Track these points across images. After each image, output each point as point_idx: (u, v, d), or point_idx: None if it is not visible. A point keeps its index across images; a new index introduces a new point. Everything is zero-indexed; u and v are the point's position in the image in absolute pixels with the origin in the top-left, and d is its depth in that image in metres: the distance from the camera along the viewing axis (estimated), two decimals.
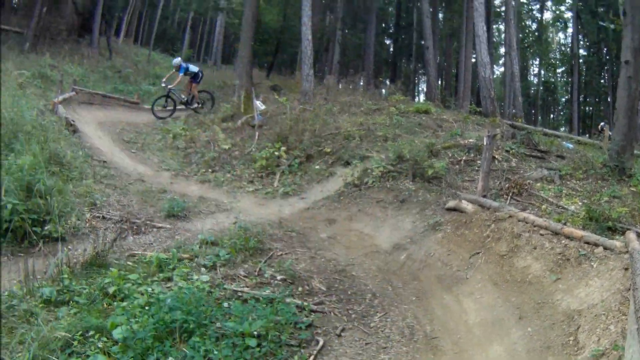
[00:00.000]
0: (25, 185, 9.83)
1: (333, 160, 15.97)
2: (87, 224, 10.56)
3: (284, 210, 13.52)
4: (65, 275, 7.73)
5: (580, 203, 11.60)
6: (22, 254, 8.81)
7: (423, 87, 59.17)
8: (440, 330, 7.74)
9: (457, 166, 14.38)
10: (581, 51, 51.00)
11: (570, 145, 18.32)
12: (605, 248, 7.95)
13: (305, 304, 7.88)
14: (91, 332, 6.22)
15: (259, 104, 20.61)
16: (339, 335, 7.28)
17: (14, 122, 12.65)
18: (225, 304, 7.35)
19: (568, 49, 57.24)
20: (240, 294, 7.95)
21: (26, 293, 7.13)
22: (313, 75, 23.70)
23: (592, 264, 7.73)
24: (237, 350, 6.22)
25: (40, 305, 6.92)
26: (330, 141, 17.06)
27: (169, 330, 6.27)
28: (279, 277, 8.80)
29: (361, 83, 32.79)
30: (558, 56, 63.31)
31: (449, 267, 9.63)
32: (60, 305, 7.05)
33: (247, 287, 8.31)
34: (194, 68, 23.89)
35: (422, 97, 52.49)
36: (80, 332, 6.20)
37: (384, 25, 55.05)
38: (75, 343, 6.03)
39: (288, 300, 7.77)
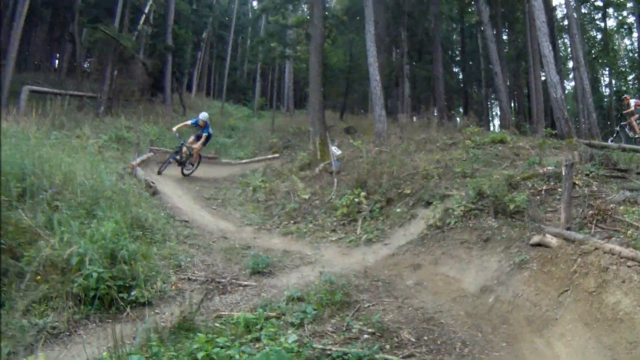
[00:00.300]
0: (109, 253, 9.99)
1: (414, 201, 15.81)
2: (173, 287, 10.66)
3: (368, 258, 13.40)
4: (154, 343, 7.76)
5: None
6: (109, 320, 8.93)
7: (496, 110, 58.62)
8: None
9: (538, 197, 14.01)
10: None
11: None
12: None
13: (395, 358, 7.73)
14: None
15: (334, 150, 20.72)
16: None
17: (94, 189, 12.84)
18: None
19: (636, 54, 56.25)
20: (328, 352, 7.83)
21: None
22: (385, 115, 23.69)
23: None
24: None
25: None
26: (409, 182, 16.95)
27: None
28: (367, 331, 8.66)
29: (435, 114, 32.65)
30: (627, 63, 62.26)
31: (538, 307, 9.38)
32: None
33: (336, 343, 8.19)
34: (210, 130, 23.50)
35: (496, 123, 52.16)
36: None
37: (450, 53, 54.83)
38: None
39: (377, 356, 7.65)
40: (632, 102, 25.30)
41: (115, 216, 11.58)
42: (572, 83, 51.56)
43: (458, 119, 31.90)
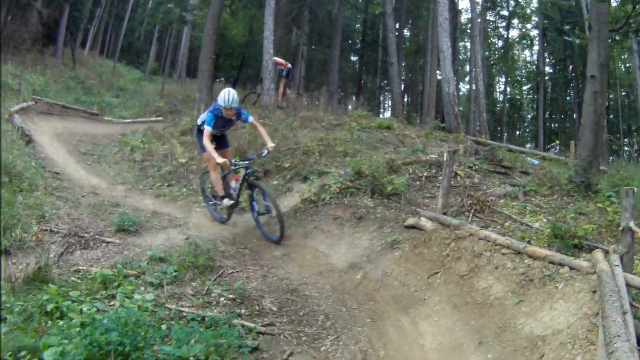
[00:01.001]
0: None
1: (291, 175, 15.65)
2: (34, 237, 10.07)
3: (238, 226, 13.19)
4: (4, 291, 7.35)
5: (545, 220, 11.36)
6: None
7: (388, 103, 59.33)
8: (395, 355, 7.35)
9: (417, 182, 14.13)
10: (547, 68, 51.65)
11: (536, 162, 18.23)
12: (571, 268, 7.61)
13: (253, 325, 7.52)
14: (23, 353, 5.81)
15: None
16: None
17: None
18: (165, 326, 6.94)
19: (534, 67, 57.85)
20: (184, 314, 7.57)
21: None
22: (274, 90, 23.42)
23: (557, 285, 7.40)
24: None
25: None
26: (290, 156, 16.78)
27: (103, 353, 5.85)
28: (227, 297, 8.44)
29: (325, 99, 32.65)
30: (524, 73, 64.02)
31: (407, 287, 9.29)
32: None
33: (193, 306, 7.94)
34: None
35: (387, 114, 52.71)
36: (10, 352, 5.78)
37: (349, 41, 55.04)
38: None
39: (235, 321, 7.42)
40: None
41: None
42: (468, 86, 52.61)
43: (350, 106, 31.85)
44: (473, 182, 14.19)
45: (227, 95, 11.91)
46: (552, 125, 55.79)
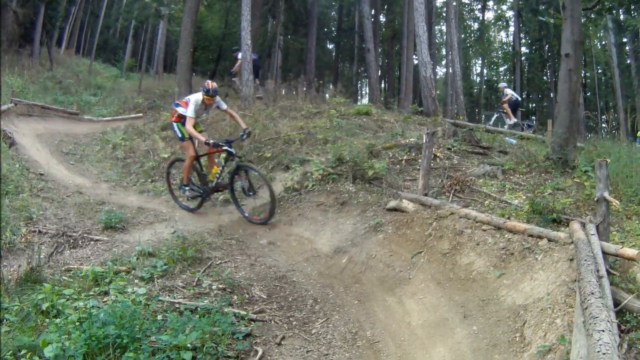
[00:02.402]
0: None
1: (273, 165, 15.73)
2: (23, 239, 10.28)
3: (223, 218, 13.30)
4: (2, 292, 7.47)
5: (524, 197, 11.53)
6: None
7: (366, 90, 59.30)
8: (383, 334, 7.59)
9: (398, 166, 14.30)
10: (523, 49, 51.51)
11: (514, 141, 18.32)
12: (549, 240, 7.89)
13: (244, 313, 7.68)
14: (23, 352, 5.99)
15: None
16: (279, 344, 7.09)
17: None
18: (160, 317, 7.12)
19: (510, 48, 57.88)
20: (177, 305, 7.71)
21: None
22: (252, 81, 23.45)
23: (537, 256, 7.68)
24: None
25: None
26: (271, 146, 16.84)
27: (102, 346, 6.02)
28: (218, 287, 8.58)
29: (304, 88, 32.66)
30: (500, 54, 64.00)
31: (391, 268, 9.48)
32: None
33: (185, 298, 8.08)
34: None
35: (365, 100, 52.69)
36: (11, 352, 5.96)
37: (325, 29, 54.93)
38: None
39: (226, 309, 7.56)
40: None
41: None
42: (445, 70, 52.53)
43: (327, 95, 31.85)
44: (452, 163, 14.36)
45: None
46: (530, 105, 55.79)
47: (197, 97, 13.11)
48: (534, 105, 56.39)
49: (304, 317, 8.02)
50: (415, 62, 37.71)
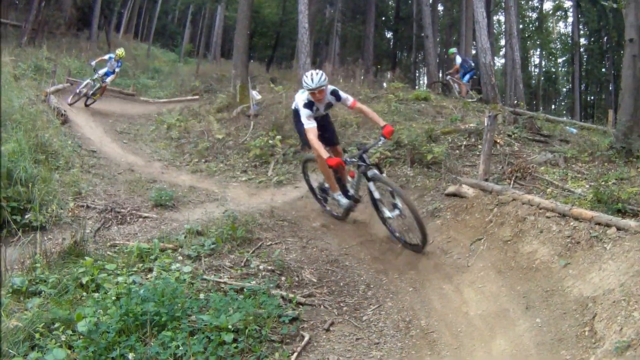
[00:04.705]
0: (5, 172, 9.70)
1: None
2: (70, 213, 10.27)
3: (276, 199, 12.94)
4: (39, 265, 7.43)
5: (587, 186, 11.07)
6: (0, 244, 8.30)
7: (423, 80, 58.95)
8: (438, 323, 7.18)
9: (457, 151, 14.01)
10: (582, 40, 50.72)
11: (574, 130, 17.91)
12: (618, 228, 7.35)
13: (292, 296, 7.41)
14: (57, 325, 5.81)
15: (255, 94, 20.27)
16: (328, 330, 6.81)
17: (3, 112, 12.41)
18: (203, 296, 6.83)
19: (569, 39, 57.07)
20: (222, 285, 7.50)
21: None
22: (311, 64, 23.25)
23: (605, 246, 7.17)
24: (211, 345, 5.70)
25: (9, 295, 6.59)
26: None
27: (138, 323, 5.79)
28: (266, 268, 8.32)
29: (361, 74, 32.44)
30: (559, 46, 63.19)
31: (449, 255, 9.15)
32: (31, 296, 6.69)
33: (232, 278, 7.85)
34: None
35: (422, 89, 52.48)
36: (43, 324, 5.78)
37: (383, 17, 54.65)
38: (37, 335, 5.62)
39: (274, 292, 7.30)
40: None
41: (19, 137, 11.34)
42: (503, 60, 51.98)
43: (385, 83, 31.62)
44: (513, 150, 14.04)
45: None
46: (589, 97, 54.94)
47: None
48: (592, 98, 55.52)
49: (355, 303, 7.72)
50: (474, 51, 37.23)
